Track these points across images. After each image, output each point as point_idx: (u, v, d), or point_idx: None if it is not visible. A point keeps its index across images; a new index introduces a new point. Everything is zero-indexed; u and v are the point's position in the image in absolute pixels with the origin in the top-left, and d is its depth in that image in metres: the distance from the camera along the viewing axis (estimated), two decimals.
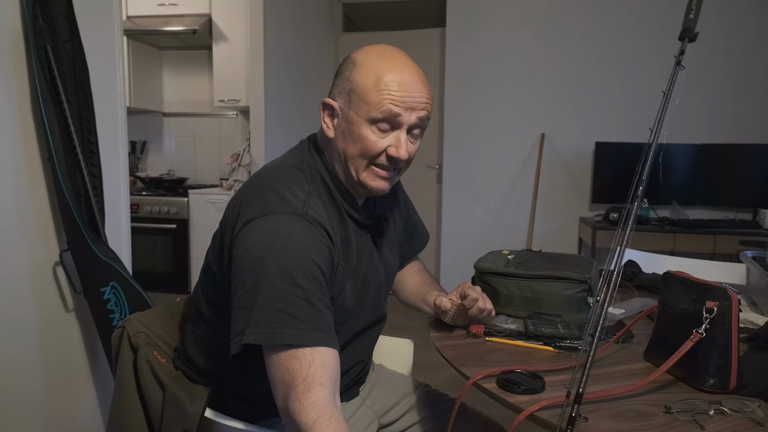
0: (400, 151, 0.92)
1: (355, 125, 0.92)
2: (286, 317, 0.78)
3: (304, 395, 0.75)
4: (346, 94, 0.93)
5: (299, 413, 0.75)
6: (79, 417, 1.61)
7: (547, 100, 3.86)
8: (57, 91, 1.39)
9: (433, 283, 1.25)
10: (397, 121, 0.91)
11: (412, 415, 1.18)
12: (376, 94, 0.89)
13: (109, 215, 1.60)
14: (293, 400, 0.76)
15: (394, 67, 0.91)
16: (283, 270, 0.79)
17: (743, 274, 1.60)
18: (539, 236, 3.90)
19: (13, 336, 1.39)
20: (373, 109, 0.89)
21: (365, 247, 1.02)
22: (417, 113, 0.92)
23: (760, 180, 3.41)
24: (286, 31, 3.45)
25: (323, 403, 0.76)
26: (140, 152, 4.01)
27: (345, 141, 0.93)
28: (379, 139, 0.92)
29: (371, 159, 0.93)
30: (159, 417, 0.96)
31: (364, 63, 0.92)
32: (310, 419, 0.74)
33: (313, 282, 0.81)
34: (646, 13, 3.66)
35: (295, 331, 0.77)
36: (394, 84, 0.89)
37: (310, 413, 0.74)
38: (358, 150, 0.92)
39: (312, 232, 0.85)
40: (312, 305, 0.80)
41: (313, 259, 0.82)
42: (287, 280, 0.79)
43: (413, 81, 0.91)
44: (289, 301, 0.78)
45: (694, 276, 0.91)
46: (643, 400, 0.82)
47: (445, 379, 1.80)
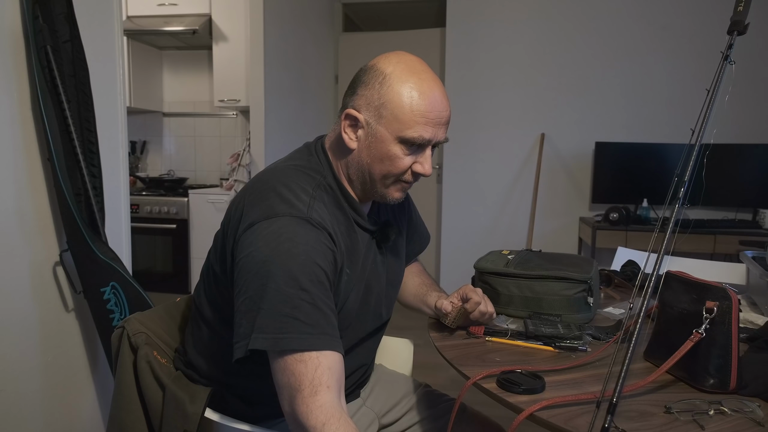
0: (426, 168, 0.93)
1: (383, 142, 0.91)
2: (292, 321, 0.78)
3: (312, 398, 0.75)
4: (375, 108, 0.91)
5: (307, 417, 0.75)
6: (79, 417, 1.61)
7: (547, 100, 3.86)
8: (57, 91, 1.39)
9: (432, 284, 1.25)
10: (426, 140, 0.91)
11: (412, 416, 1.18)
12: (408, 114, 0.89)
13: (109, 215, 1.60)
14: (300, 404, 0.76)
15: (426, 85, 0.90)
16: (288, 274, 0.79)
17: (743, 274, 1.60)
18: (539, 236, 3.90)
19: (13, 336, 1.39)
20: (405, 129, 0.89)
21: (370, 253, 1.01)
22: (442, 132, 0.93)
23: (760, 180, 3.41)
24: (286, 31, 3.45)
25: (331, 405, 0.76)
26: (140, 152, 4.01)
27: (371, 156, 0.93)
28: (405, 157, 0.92)
29: (398, 176, 0.94)
30: (159, 417, 0.96)
31: (397, 76, 0.90)
32: (319, 422, 0.74)
33: (318, 285, 0.81)
34: (646, 13, 3.66)
35: (301, 335, 0.77)
36: (426, 104, 0.89)
37: (319, 416, 0.74)
38: (386, 168, 0.92)
39: (316, 236, 0.84)
40: (317, 309, 0.80)
41: (318, 262, 0.82)
42: (292, 284, 0.79)
43: (443, 99, 0.91)
44: (294, 305, 0.78)
45: (694, 276, 0.91)
46: (643, 400, 0.82)
47: (445, 379, 1.80)
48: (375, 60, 0.94)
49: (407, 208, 1.22)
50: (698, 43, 3.58)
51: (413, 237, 1.25)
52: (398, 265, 1.14)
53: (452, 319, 1.12)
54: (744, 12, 0.86)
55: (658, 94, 3.68)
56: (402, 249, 1.17)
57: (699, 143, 0.82)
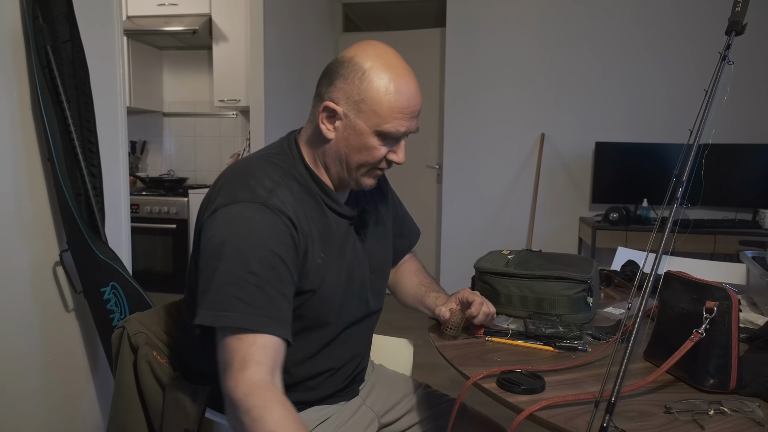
0: (401, 157, 0.99)
1: (361, 134, 0.95)
2: (237, 302, 0.81)
3: (240, 372, 0.78)
4: (354, 102, 0.94)
5: (234, 389, 0.77)
6: (79, 417, 1.61)
7: (547, 100, 3.86)
8: (57, 92, 1.39)
9: (431, 284, 1.24)
10: (402, 133, 0.97)
11: (412, 416, 1.18)
12: (386, 109, 0.93)
13: (109, 215, 1.60)
14: (230, 378, 0.78)
15: (404, 81, 0.94)
16: (239, 257, 0.83)
17: (743, 274, 1.60)
18: (539, 236, 3.90)
19: (13, 336, 1.39)
20: (383, 123, 0.94)
21: (348, 239, 1.03)
22: (415, 124, 0.99)
23: (760, 180, 3.41)
24: (286, 31, 3.45)
25: (258, 378, 0.78)
26: (140, 152, 4.00)
27: (348, 147, 0.97)
28: (381, 147, 0.96)
29: (373, 165, 0.99)
30: (159, 417, 0.96)
31: (375, 74, 0.93)
32: (243, 393, 0.76)
33: (268, 270, 0.84)
34: (646, 14, 3.66)
35: (242, 314, 0.80)
36: (403, 98, 0.93)
37: (243, 388, 0.76)
38: (364, 158, 0.97)
39: (272, 221, 0.88)
40: (263, 292, 0.83)
41: (271, 247, 0.85)
42: (242, 267, 0.83)
43: (417, 92, 0.96)
44: (240, 287, 0.82)
45: (694, 276, 0.91)
46: (643, 400, 0.82)
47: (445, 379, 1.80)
48: (352, 52, 0.96)
49: (391, 200, 1.23)
50: (698, 43, 3.58)
51: (402, 231, 1.27)
52: (383, 254, 1.15)
53: (454, 327, 1.08)
54: (742, 12, 0.86)
55: (658, 95, 3.68)
56: (386, 239, 1.17)
57: (697, 143, 0.82)
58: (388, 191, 1.24)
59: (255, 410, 0.75)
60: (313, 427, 1.04)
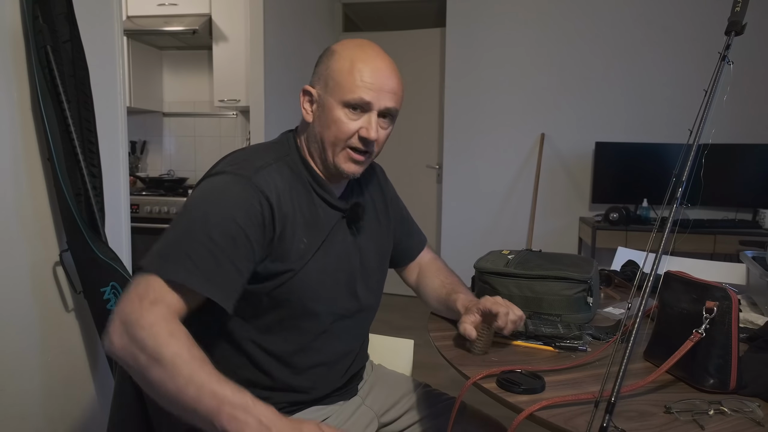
0: (371, 132, 0.98)
1: (330, 109, 0.98)
2: (184, 258, 0.84)
3: (152, 305, 0.79)
4: (323, 80, 0.99)
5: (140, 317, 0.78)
6: (79, 417, 1.61)
7: (547, 101, 3.86)
8: (57, 91, 1.39)
9: (452, 283, 1.21)
10: (367, 104, 0.97)
11: (411, 415, 1.18)
12: (349, 79, 0.96)
13: (109, 215, 1.60)
14: (137, 306, 0.79)
15: (368, 56, 0.98)
16: (202, 220, 0.87)
17: (743, 274, 1.60)
18: (539, 236, 3.90)
19: (13, 336, 1.39)
20: (346, 93, 0.96)
21: (338, 230, 1.05)
22: (386, 101, 0.98)
23: (760, 180, 3.41)
24: (286, 31, 3.45)
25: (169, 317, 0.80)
26: (140, 152, 4.00)
27: (321, 125, 0.99)
28: (350, 121, 0.98)
29: (345, 141, 0.99)
30: (159, 417, 0.96)
31: (341, 52, 0.99)
32: (148, 323, 0.77)
33: (227, 240, 0.86)
34: (646, 13, 3.66)
35: (183, 271, 0.82)
36: (367, 70, 0.96)
37: (150, 317, 0.78)
38: (333, 133, 0.98)
39: (248, 196, 0.90)
40: (214, 258, 0.85)
41: (237, 220, 0.88)
42: (202, 230, 0.86)
43: (385, 70, 0.98)
44: (194, 248, 0.85)
45: (694, 276, 0.91)
46: (643, 400, 0.82)
47: (445, 379, 1.80)
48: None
49: (391, 200, 1.23)
50: (698, 43, 3.58)
51: (410, 231, 1.28)
52: (377, 250, 1.14)
53: (482, 345, 1.00)
54: (741, 12, 0.86)
55: (658, 95, 3.68)
56: (383, 237, 1.17)
57: (697, 143, 0.82)
58: (389, 191, 1.24)
59: (160, 337, 0.76)
60: None
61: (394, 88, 0.99)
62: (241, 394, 0.76)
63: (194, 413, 0.75)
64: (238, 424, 0.73)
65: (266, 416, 0.75)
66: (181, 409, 0.76)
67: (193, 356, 0.77)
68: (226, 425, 0.73)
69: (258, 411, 0.75)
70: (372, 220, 1.14)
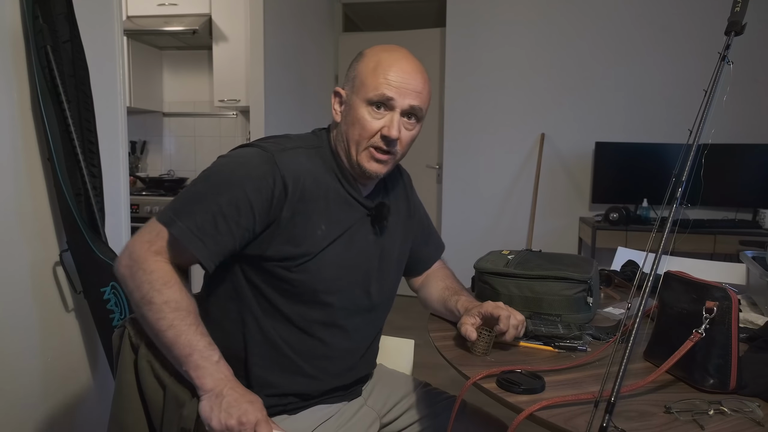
0: (392, 131, 0.98)
1: (355, 108, 1.00)
2: (190, 218, 0.91)
3: (156, 254, 0.92)
4: (351, 81, 1.02)
5: (145, 257, 0.91)
6: (79, 417, 1.61)
7: (547, 100, 3.86)
8: (57, 91, 1.39)
9: (456, 288, 1.22)
10: (390, 103, 0.98)
11: (412, 414, 1.18)
12: (373, 78, 0.98)
13: (109, 215, 1.60)
14: (145, 248, 0.92)
15: (393, 57, 1.00)
16: (217, 183, 0.94)
17: (743, 274, 1.60)
18: (539, 236, 3.90)
19: (13, 336, 1.39)
20: (370, 91, 0.98)
21: (361, 227, 1.06)
22: (410, 100, 0.99)
23: (760, 180, 3.41)
24: (286, 31, 3.45)
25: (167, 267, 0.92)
26: (140, 152, 4.00)
27: (347, 123, 1.02)
28: (374, 120, 0.99)
29: (368, 139, 1.00)
30: (160, 417, 0.96)
31: (369, 54, 1.02)
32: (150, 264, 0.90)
33: (232, 208, 0.92)
34: (645, 14, 3.66)
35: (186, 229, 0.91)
36: (390, 69, 0.98)
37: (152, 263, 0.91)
38: (357, 131, 1.00)
39: (264, 171, 0.94)
40: (214, 221, 0.92)
41: (247, 191, 0.92)
42: (213, 193, 0.93)
43: (409, 70, 0.99)
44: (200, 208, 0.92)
45: (694, 276, 0.91)
46: (643, 400, 0.82)
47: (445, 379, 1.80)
48: None
49: (415, 207, 1.25)
50: (698, 43, 3.58)
51: (429, 240, 1.29)
52: (396, 253, 1.15)
53: (483, 347, 1.00)
54: (741, 12, 0.86)
55: (658, 95, 3.68)
56: (403, 241, 1.18)
57: (697, 143, 0.82)
58: (413, 198, 1.26)
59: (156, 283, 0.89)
60: (314, 427, 1.04)
61: (418, 87, 1.00)
62: (211, 349, 0.89)
63: (170, 354, 0.89)
64: (200, 371, 0.87)
65: (225, 374, 0.88)
66: (160, 345, 0.90)
67: (179, 307, 0.89)
68: (191, 371, 0.87)
69: (220, 367, 0.89)
70: (396, 223, 1.16)
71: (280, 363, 1.02)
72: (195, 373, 0.87)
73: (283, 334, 1.01)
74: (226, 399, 0.86)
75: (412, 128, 1.02)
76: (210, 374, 0.87)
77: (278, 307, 1.00)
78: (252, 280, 1.00)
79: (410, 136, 1.02)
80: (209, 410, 0.85)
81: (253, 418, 0.84)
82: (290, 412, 1.04)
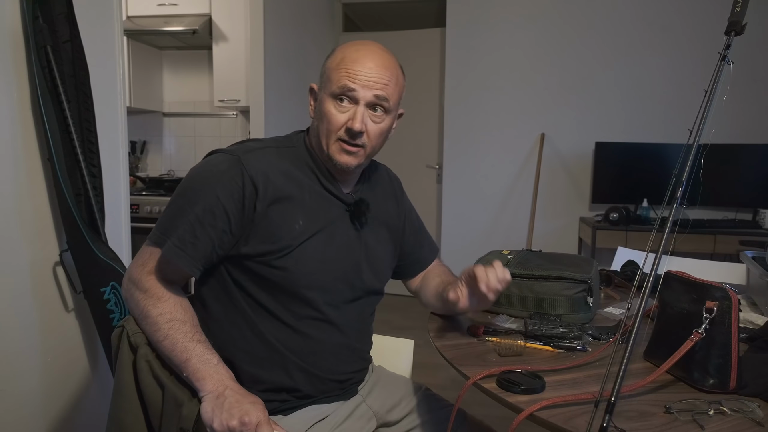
0: (355, 124, 0.99)
1: (322, 102, 1.03)
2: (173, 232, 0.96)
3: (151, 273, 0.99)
4: (321, 77, 1.05)
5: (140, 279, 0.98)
6: (79, 417, 1.61)
7: (547, 101, 3.86)
8: (57, 91, 1.39)
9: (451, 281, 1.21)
10: (353, 95, 0.99)
11: (412, 419, 1.18)
12: (336, 72, 1.00)
13: (109, 215, 1.60)
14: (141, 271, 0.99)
15: (358, 51, 1.01)
16: (190, 194, 0.98)
17: (743, 274, 1.60)
18: (539, 236, 3.90)
19: (13, 336, 1.39)
20: (333, 85, 1.00)
21: (341, 223, 1.08)
22: (373, 91, 0.99)
23: (760, 180, 3.41)
24: (286, 31, 3.45)
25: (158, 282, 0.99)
26: (140, 152, 4.00)
27: (318, 118, 1.05)
28: (339, 113, 1.01)
29: (335, 132, 1.01)
30: (158, 416, 0.96)
31: (338, 50, 1.04)
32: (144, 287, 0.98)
33: (208, 214, 0.96)
34: (645, 14, 3.66)
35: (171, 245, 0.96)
36: (354, 63, 0.99)
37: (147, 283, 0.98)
38: (325, 126, 1.02)
39: (232, 174, 0.97)
40: (192, 231, 0.96)
41: (219, 196, 0.96)
42: (188, 204, 0.97)
43: (373, 62, 1.00)
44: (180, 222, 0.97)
45: (694, 276, 0.91)
46: (643, 400, 0.82)
47: (445, 379, 1.80)
48: None
49: (404, 209, 1.25)
50: (698, 43, 3.58)
51: (422, 242, 1.29)
52: (382, 251, 1.16)
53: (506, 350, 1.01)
54: (741, 12, 0.86)
55: (658, 95, 3.68)
56: (388, 241, 1.18)
57: (697, 143, 0.82)
58: (404, 203, 1.26)
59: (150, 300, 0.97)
60: (309, 426, 1.04)
61: (384, 79, 1.00)
62: (210, 353, 0.93)
63: (171, 362, 0.94)
64: (199, 374, 0.90)
65: (224, 376, 0.91)
66: (162, 355, 0.95)
67: (173, 318, 0.95)
68: (190, 375, 0.90)
69: (219, 369, 0.92)
70: (382, 221, 1.17)
71: (271, 359, 1.03)
72: (194, 377, 0.90)
73: (272, 331, 1.02)
74: (228, 400, 0.86)
75: (380, 120, 1.03)
76: (209, 376, 0.90)
77: (264, 305, 1.01)
78: (237, 279, 1.02)
79: (379, 128, 1.03)
80: (210, 412, 0.86)
81: (255, 418, 0.85)
82: (285, 412, 1.04)
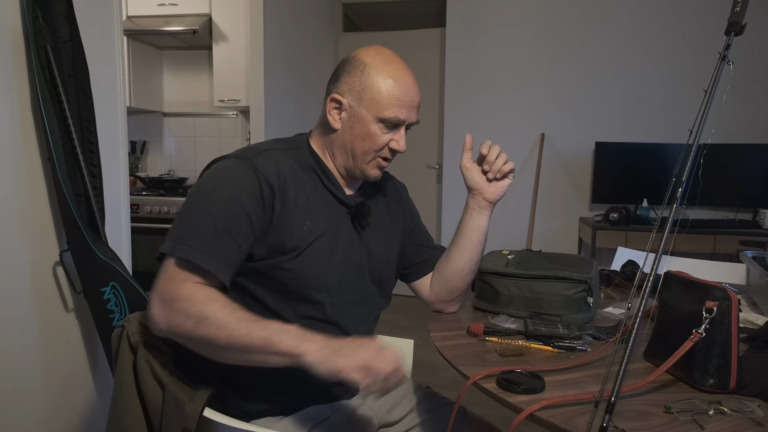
0: (401, 145, 1.07)
1: (365, 122, 1.04)
2: (194, 239, 0.92)
3: (183, 282, 0.90)
4: (357, 93, 1.04)
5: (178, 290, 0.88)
6: (79, 417, 1.61)
7: (546, 101, 3.86)
8: (57, 92, 1.39)
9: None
10: (401, 120, 1.04)
11: (412, 418, 1.18)
12: (387, 97, 1.02)
13: (109, 215, 1.60)
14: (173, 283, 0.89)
15: (400, 74, 1.04)
16: (208, 201, 0.96)
17: (743, 274, 1.60)
18: (539, 236, 3.90)
19: (13, 336, 1.39)
20: (384, 110, 1.02)
21: (343, 225, 1.08)
22: (414, 115, 1.07)
23: (760, 180, 3.41)
24: (285, 31, 3.45)
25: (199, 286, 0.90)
26: (140, 152, 4.00)
27: (353, 135, 1.05)
28: (383, 135, 1.05)
29: (377, 152, 1.06)
30: (158, 416, 0.96)
31: (375, 66, 1.04)
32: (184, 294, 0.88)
33: (230, 217, 0.94)
34: (645, 15, 3.66)
35: (193, 249, 0.91)
36: (402, 90, 1.03)
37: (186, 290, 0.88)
38: (368, 145, 1.05)
39: (249, 177, 0.97)
40: (218, 235, 0.93)
41: (239, 199, 0.95)
42: (208, 211, 0.95)
43: (414, 85, 1.06)
44: (201, 229, 0.93)
45: (694, 276, 0.91)
46: (643, 400, 0.82)
47: (445, 379, 1.80)
48: (355, 52, 1.08)
49: (409, 211, 1.27)
50: (697, 43, 3.58)
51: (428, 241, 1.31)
52: (386, 253, 1.17)
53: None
54: (741, 12, 0.87)
55: (657, 95, 3.68)
56: (392, 243, 1.19)
57: (697, 143, 0.82)
58: (410, 209, 1.28)
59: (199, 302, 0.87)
60: (311, 427, 1.04)
61: (418, 101, 1.07)
62: (286, 324, 0.86)
63: (251, 347, 0.83)
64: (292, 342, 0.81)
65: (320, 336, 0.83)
66: (236, 350, 0.84)
67: (234, 309, 0.87)
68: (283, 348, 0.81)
69: (306, 331, 0.84)
70: (386, 224, 1.18)
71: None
72: (288, 345, 0.81)
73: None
74: (346, 346, 0.81)
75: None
76: (301, 336, 0.82)
77: (270, 307, 1.00)
78: (239, 281, 0.99)
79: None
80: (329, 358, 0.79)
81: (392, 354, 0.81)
82: (286, 413, 1.04)
